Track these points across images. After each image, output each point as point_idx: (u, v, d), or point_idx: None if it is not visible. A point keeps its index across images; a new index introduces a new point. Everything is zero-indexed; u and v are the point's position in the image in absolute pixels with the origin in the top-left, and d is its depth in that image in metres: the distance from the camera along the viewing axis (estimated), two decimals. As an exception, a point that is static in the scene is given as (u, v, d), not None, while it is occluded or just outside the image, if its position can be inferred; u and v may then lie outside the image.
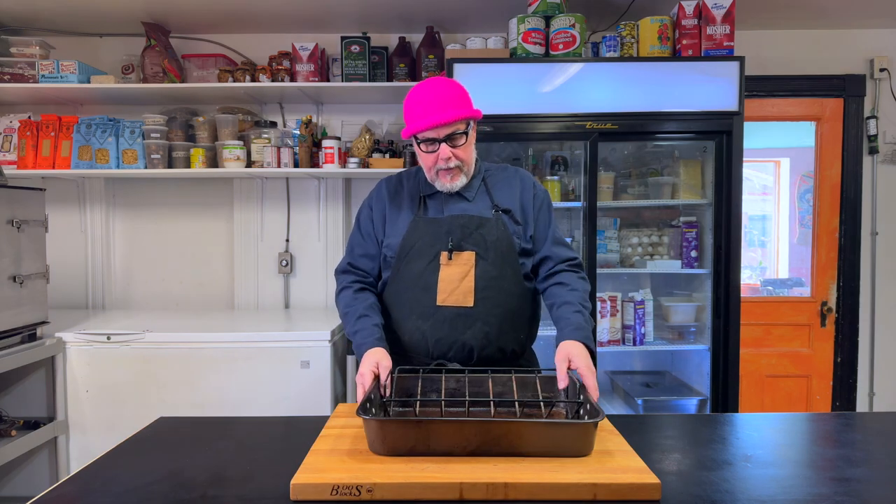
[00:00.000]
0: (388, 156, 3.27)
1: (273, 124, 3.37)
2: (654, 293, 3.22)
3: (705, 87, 2.81)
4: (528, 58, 2.87)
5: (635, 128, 2.85)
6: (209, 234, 3.61)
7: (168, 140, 3.24)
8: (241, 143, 3.21)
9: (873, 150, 3.49)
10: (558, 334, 1.57)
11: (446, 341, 1.62)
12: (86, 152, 3.17)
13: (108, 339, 2.77)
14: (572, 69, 2.82)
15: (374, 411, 1.34)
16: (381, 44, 3.36)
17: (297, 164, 3.20)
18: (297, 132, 3.23)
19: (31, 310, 2.65)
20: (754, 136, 3.36)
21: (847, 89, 3.48)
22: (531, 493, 1.07)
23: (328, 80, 3.33)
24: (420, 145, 1.61)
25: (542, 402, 1.42)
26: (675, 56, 2.87)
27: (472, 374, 1.54)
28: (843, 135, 3.51)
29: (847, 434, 1.47)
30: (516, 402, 1.40)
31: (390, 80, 3.29)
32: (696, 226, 3.14)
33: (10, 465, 2.64)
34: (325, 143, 3.18)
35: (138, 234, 3.61)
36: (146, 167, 3.19)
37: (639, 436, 1.38)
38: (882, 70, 3.45)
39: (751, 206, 4.35)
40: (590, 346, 1.52)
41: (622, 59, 2.90)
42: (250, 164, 3.24)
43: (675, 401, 3.06)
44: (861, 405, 3.56)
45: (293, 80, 3.22)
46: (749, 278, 4.25)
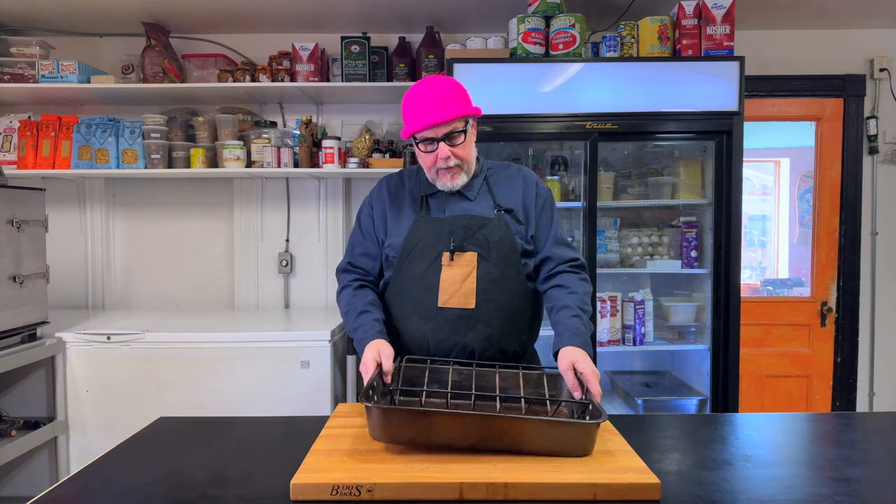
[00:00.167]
0: (388, 156, 3.27)
1: (273, 124, 3.37)
2: (654, 293, 3.22)
3: (705, 87, 2.81)
4: (528, 58, 2.87)
5: (635, 128, 2.86)
6: (209, 234, 3.61)
7: (168, 140, 3.24)
8: (241, 143, 3.21)
9: (873, 150, 3.50)
10: (556, 340, 1.55)
11: (447, 343, 1.61)
12: (86, 152, 3.17)
13: (108, 339, 2.77)
14: (572, 69, 2.82)
15: (377, 399, 1.33)
16: (381, 44, 3.36)
17: (297, 164, 3.21)
18: (297, 132, 3.23)
19: (31, 310, 2.65)
20: (754, 136, 3.36)
21: (847, 89, 3.48)
22: (531, 493, 1.07)
23: (328, 80, 3.33)
24: (419, 145, 1.59)
25: (547, 401, 1.42)
26: (675, 56, 2.87)
27: (480, 368, 1.52)
28: (843, 135, 3.51)
29: (847, 434, 1.46)
30: (522, 398, 1.39)
31: (390, 80, 3.29)
32: (696, 226, 3.14)
33: (10, 465, 2.64)
34: (325, 143, 3.18)
35: (138, 234, 3.61)
36: (146, 167, 3.19)
37: (639, 436, 1.38)
38: (882, 70, 3.45)
39: (751, 206, 4.35)
40: (587, 352, 1.48)
41: (622, 59, 2.90)
42: (250, 164, 3.24)
43: (675, 401, 3.06)
44: (861, 405, 3.56)
45: (293, 80, 3.22)
46: (749, 278, 4.26)
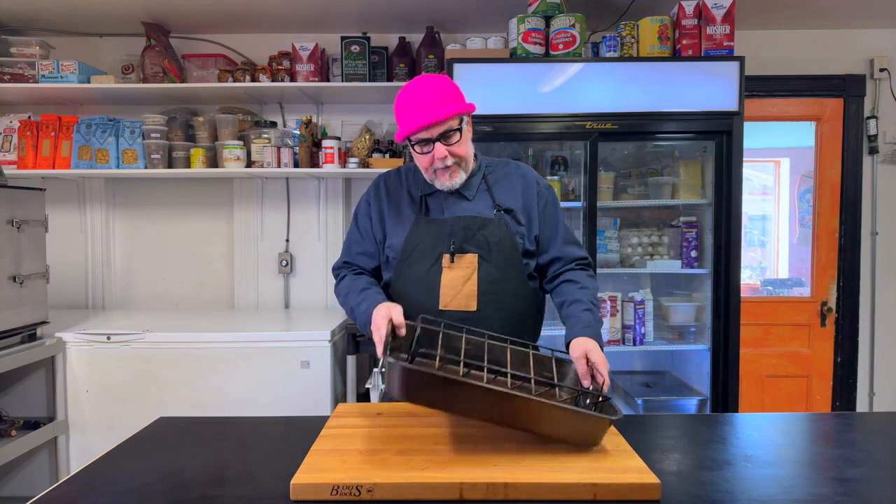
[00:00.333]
0: (388, 156, 3.27)
1: (273, 124, 3.37)
2: (654, 293, 3.22)
3: (705, 87, 2.81)
4: (528, 58, 2.87)
5: (635, 128, 2.85)
6: (209, 234, 3.61)
7: (168, 140, 3.24)
8: (241, 143, 3.21)
9: (873, 150, 3.49)
10: (568, 332, 1.54)
11: None
12: (86, 152, 3.17)
13: (108, 339, 2.77)
14: (572, 69, 2.82)
15: (403, 357, 1.31)
16: (381, 44, 3.36)
17: (297, 164, 3.21)
18: (297, 132, 3.23)
19: (31, 310, 2.65)
20: (754, 136, 3.36)
21: (847, 89, 3.48)
22: (531, 493, 1.07)
23: (328, 80, 3.33)
24: (414, 147, 1.56)
25: (559, 386, 1.40)
26: (675, 56, 2.87)
27: (491, 341, 1.49)
28: (843, 135, 3.51)
29: (847, 434, 1.46)
30: (533, 379, 1.37)
31: (390, 80, 3.29)
32: (696, 226, 3.14)
33: (10, 465, 2.64)
34: (325, 143, 3.18)
35: (138, 234, 3.61)
36: (146, 167, 3.19)
37: (639, 436, 1.38)
38: (882, 70, 3.45)
39: (751, 206, 4.35)
40: (600, 345, 1.50)
41: (622, 59, 2.90)
42: (250, 164, 3.24)
43: (675, 401, 3.06)
44: (861, 405, 3.56)
45: (293, 80, 3.22)
46: (749, 278, 4.25)
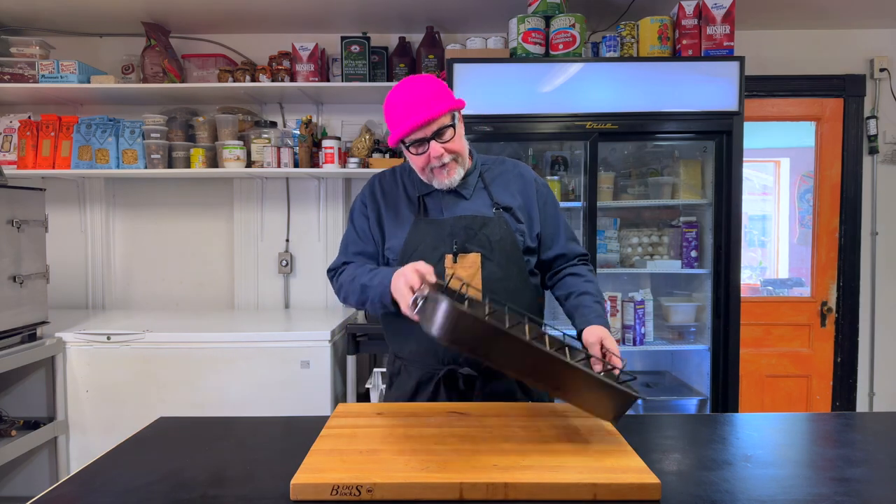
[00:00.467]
0: (387, 156, 3.27)
1: (273, 124, 3.37)
2: (654, 293, 3.22)
3: (705, 87, 2.81)
4: (528, 58, 2.87)
5: (635, 128, 2.85)
6: (209, 234, 3.61)
7: (168, 140, 3.24)
8: (241, 143, 3.21)
9: (873, 150, 3.49)
10: (580, 320, 1.55)
11: None
12: (86, 152, 3.17)
13: (108, 339, 2.77)
14: (572, 69, 2.82)
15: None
16: (381, 44, 3.36)
17: (297, 164, 3.21)
18: (297, 132, 3.23)
19: (31, 310, 2.65)
20: (754, 136, 3.36)
21: (847, 89, 3.48)
22: (531, 493, 1.07)
23: (328, 80, 3.33)
24: (409, 149, 1.55)
25: (591, 357, 1.40)
26: (675, 56, 2.87)
27: (511, 312, 1.47)
28: (843, 135, 3.51)
29: (847, 434, 1.46)
30: (567, 347, 1.35)
31: (390, 80, 3.29)
32: (696, 226, 3.14)
33: (10, 465, 2.64)
34: (325, 143, 3.18)
35: (138, 234, 3.61)
36: (146, 167, 3.19)
37: (639, 436, 1.38)
38: (882, 70, 3.45)
39: (751, 206, 4.35)
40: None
41: (622, 59, 2.90)
42: (250, 164, 3.24)
43: (675, 401, 3.06)
44: (861, 405, 3.56)
45: (293, 80, 3.22)
46: (749, 278, 4.25)
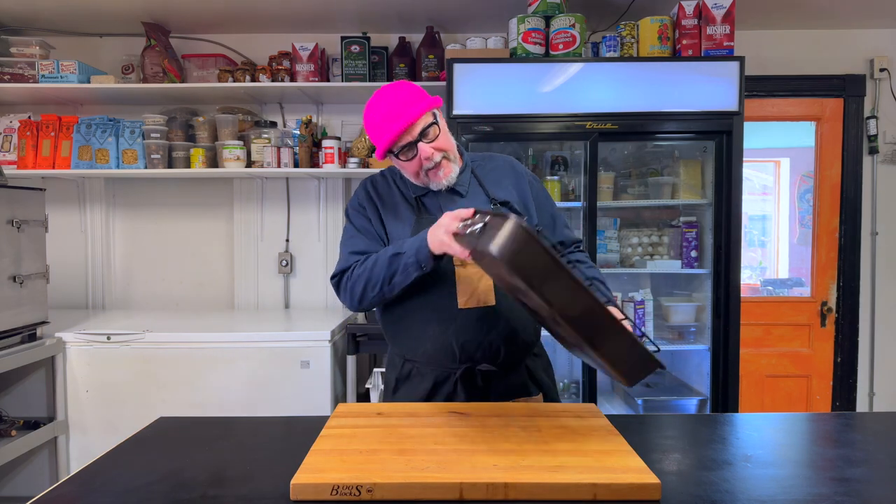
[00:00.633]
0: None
1: (273, 124, 3.37)
2: (654, 293, 3.22)
3: (705, 87, 2.81)
4: (528, 58, 2.87)
5: (635, 128, 2.86)
6: (209, 235, 3.61)
7: (168, 140, 3.24)
8: (241, 143, 3.21)
9: (873, 150, 3.49)
10: None
11: (473, 342, 1.56)
12: (86, 152, 3.17)
13: (108, 339, 2.77)
14: (572, 69, 2.82)
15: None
16: (381, 44, 3.36)
17: (297, 164, 3.21)
18: (297, 132, 3.23)
19: (31, 310, 2.65)
20: (754, 136, 3.36)
21: (847, 89, 3.48)
22: (531, 493, 1.07)
23: (328, 80, 3.33)
24: (399, 156, 1.54)
25: (626, 318, 1.38)
26: (675, 56, 2.87)
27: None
28: (843, 135, 3.51)
29: (847, 434, 1.46)
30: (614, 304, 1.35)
31: (390, 80, 3.29)
32: (696, 226, 3.14)
33: (10, 465, 2.64)
34: (325, 143, 3.18)
35: (138, 234, 3.61)
36: (146, 167, 3.19)
37: (639, 436, 1.38)
38: (882, 70, 3.45)
39: (751, 206, 4.35)
40: None
41: (622, 59, 2.90)
42: (250, 164, 3.24)
43: (675, 401, 3.07)
44: (861, 405, 3.56)
45: (293, 80, 3.22)
46: (749, 278, 4.25)
